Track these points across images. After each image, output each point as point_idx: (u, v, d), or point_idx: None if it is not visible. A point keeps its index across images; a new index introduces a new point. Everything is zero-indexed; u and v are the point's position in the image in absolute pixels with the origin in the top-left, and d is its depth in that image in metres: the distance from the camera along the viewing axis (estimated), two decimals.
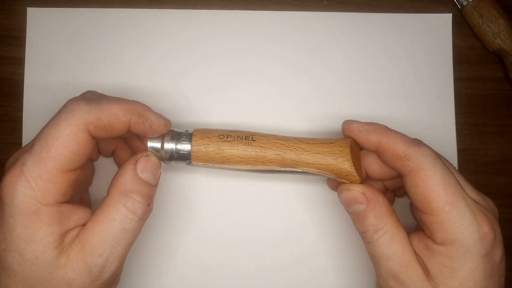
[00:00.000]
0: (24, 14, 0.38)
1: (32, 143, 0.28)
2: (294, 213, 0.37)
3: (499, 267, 0.28)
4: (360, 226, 0.30)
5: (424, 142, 0.30)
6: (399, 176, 0.31)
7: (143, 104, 0.30)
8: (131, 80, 0.38)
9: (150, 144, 0.31)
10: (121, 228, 0.28)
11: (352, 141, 0.31)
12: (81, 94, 0.32)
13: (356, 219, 0.30)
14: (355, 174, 0.30)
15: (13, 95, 0.38)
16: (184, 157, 0.31)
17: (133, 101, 0.30)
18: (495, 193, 0.38)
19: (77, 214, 0.28)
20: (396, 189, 0.34)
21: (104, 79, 0.38)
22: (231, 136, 0.30)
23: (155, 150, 0.31)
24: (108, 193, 0.29)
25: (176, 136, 0.31)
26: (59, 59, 0.38)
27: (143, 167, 0.29)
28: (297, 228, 0.37)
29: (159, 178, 0.31)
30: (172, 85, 0.38)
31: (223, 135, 0.30)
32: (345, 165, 0.30)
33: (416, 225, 0.35)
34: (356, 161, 0.31)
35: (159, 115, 0.30)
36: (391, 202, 0.35)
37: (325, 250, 0.37)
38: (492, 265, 0.27)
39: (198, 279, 0.36)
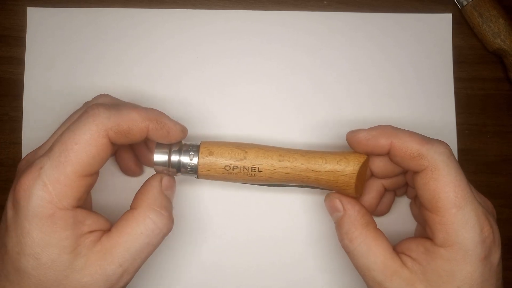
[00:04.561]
0: (24, 14, 0.38)
1: (51, 147, 0.28)
2: (294, 213, 0.37)
3: (496, 270, 0.28)
4: (338, 234, 0.31)
5: None
6: (403, 173, 0.30)
7: (160, 111, 0.30)
8: (131, 80, 0.38)
9: (156, 157, 0.31)
10: (146, 242, 0.28)
11: (362, 166, 0.31)
12: (95, 98, 0.32)
13: (336, 227, 0.31)
14: (355, 196, 0.31)
15: (13, 95, 0.38)
16: (190, 172, 0.31)
17: (150, 108, 0.30)
18: (495, 193, 0.38)
19: (91, 219, 0.28)
20: (395, 189, 0.34)
21: (104, 79, 0.38)
22: (237, 167, 0.31)
23: (162, 163, 0.31)
24: (134, 206, 0.29)
25: (184, 151, 0.31)
26: (59, 59, 0.38)
27: (167, 185, 0.30)
28: (297, 229, 0.37)
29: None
30: (172, 85, 0.38)
31: (229, 166, 0.31)
32: (348, 191, 0.31)
33: (415, 228, 0.35)
34: (360, 183, 0.31)
35: (176, 122, 0.30)
36: (391, 202, 0.35)
37: (325, 250, 0.37)
38: (490, 268, 0.27)
39: (198, 279, 0.36)
